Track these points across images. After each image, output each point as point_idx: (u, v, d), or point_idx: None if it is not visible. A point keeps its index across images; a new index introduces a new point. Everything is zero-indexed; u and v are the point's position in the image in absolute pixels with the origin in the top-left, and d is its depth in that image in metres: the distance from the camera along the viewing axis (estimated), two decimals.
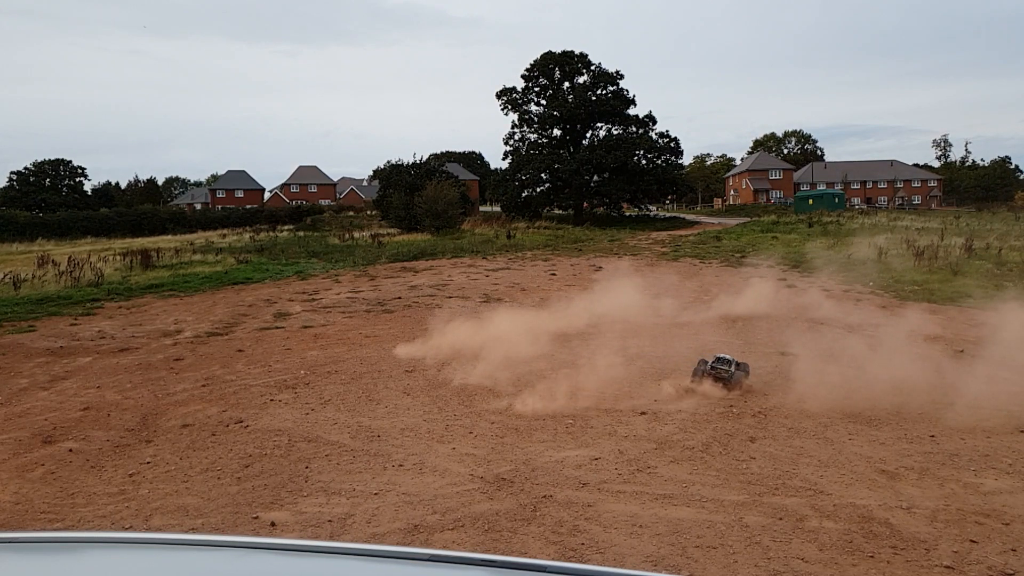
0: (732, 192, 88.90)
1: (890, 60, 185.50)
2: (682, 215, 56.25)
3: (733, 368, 6.25)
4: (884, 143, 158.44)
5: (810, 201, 48.63)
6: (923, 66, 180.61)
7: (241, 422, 5.68)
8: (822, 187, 70.59)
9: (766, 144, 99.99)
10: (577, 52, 47.74)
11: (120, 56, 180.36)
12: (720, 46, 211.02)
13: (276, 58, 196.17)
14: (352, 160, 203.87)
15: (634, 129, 47.27)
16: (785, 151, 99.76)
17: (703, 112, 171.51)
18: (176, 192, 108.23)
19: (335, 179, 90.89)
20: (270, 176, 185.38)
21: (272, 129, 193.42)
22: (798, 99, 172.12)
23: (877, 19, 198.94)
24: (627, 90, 47.53)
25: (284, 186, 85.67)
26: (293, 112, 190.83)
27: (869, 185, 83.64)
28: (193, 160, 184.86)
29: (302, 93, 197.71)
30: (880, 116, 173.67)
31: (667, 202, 65.60)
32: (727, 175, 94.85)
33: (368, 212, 57.77)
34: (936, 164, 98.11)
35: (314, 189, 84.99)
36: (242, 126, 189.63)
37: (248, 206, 62.55)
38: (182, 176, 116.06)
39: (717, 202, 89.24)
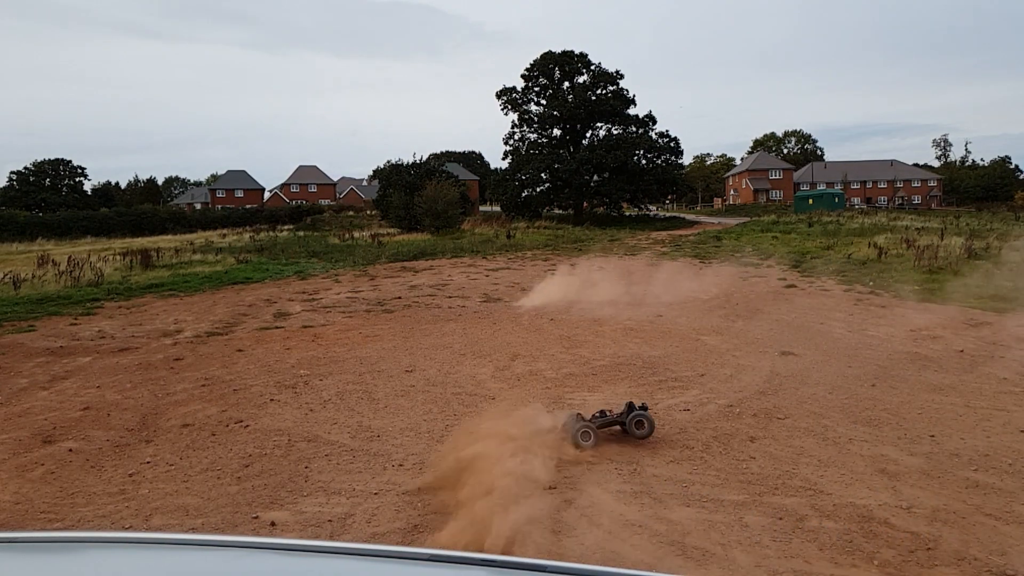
0: (732, 192, 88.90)
1: (891, 61, 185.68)
2: (682, 215, 56.37)
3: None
4: (884, 143, 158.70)
5: (810, 201, 48.77)
6: (923, 67, 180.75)
7: (241, 422, 5.68)
8: (822, 187, 70.69)
9: (766, 144, 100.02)
10: (577, 52, 47.80)
11: (120, 56, 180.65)
12: (721, 46, 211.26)
13: (271, 60, 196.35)
14: (352, 160, 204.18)
15: (634, 129, 47.30)
16: (785, 151, 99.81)
17: (704, 112, 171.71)
18: (176, 192, 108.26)
19: (335, 179, 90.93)
20: (270, 176, 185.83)
21: (272, 129, 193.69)
22: (798, 99, 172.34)
23: (877, 20, 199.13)
24: (627, 90, 47.63)
25: (284, 186, 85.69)
26: (290, 113, 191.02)
27: (869, 185, 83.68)
28: (193, 160, 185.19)
29: (297, 96, 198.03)
30: (880, 116, 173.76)
31: (667, 202, 65.66)
32: (727, 175, 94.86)
33: (368, 212, 57.88)
34: (936, 164, 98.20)
35: (314, 189, 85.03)
36: (244, 126, 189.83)
37: (248, 206, 62.59)
38: (182, 176, 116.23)
39: (717, 202, 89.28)
